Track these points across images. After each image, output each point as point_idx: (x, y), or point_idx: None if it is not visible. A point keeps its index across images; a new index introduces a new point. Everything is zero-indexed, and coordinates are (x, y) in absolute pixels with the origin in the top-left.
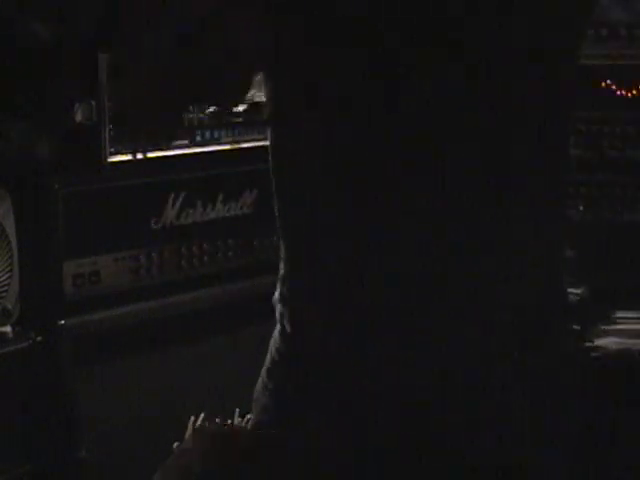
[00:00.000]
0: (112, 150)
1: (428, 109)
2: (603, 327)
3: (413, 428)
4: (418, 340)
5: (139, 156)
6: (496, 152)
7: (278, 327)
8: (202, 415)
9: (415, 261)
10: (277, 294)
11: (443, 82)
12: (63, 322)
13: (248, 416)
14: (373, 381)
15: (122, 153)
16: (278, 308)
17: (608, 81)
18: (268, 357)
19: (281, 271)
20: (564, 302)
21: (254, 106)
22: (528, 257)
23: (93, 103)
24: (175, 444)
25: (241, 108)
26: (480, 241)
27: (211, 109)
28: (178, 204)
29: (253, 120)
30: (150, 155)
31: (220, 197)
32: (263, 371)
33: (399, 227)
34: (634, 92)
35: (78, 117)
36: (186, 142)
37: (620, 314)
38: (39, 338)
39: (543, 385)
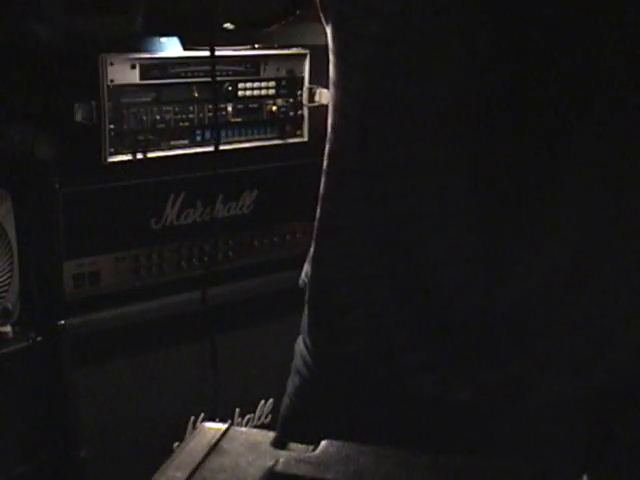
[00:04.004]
0: (112, 150)
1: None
2: None
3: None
4: None
5: (139, 156)
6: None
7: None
8: (202, 415)
9: None
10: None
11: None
12: (63, 322)
13: (248, 416)
14: None
15: (122, 153)
16: None
17: None
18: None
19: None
20: None
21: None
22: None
23: (93, 103)
24: (175, 444)
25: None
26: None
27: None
28: (178, 204)
29: (253, 120)
30: (150, 155)
31: (220, 197)
32: (290, 389)
33: None
34: None
35: (78, 117)
36: (186, 142)
37: None
38: (39, 338)
39: None
